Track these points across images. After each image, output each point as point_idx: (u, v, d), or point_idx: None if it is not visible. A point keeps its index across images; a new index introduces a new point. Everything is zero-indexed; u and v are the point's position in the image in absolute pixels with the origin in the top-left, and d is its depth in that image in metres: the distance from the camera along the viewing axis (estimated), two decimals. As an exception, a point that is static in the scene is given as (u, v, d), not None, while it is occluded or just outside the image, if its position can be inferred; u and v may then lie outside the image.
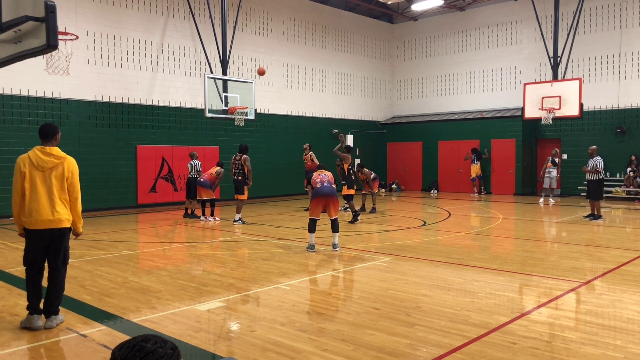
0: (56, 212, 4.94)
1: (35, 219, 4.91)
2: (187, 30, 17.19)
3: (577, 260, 8.08)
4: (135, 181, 15.92)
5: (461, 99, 22.82)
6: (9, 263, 8.07)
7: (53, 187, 4.95)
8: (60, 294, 5.10)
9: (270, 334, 4.74)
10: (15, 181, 4.98)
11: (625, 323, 5.07)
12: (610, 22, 18.94)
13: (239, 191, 12.48)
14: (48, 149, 5.00)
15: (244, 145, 12.68)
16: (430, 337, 4.62)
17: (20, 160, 4.97)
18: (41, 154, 4.96)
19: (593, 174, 12.66)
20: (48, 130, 5.05)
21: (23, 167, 4.93)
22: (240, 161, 12.43)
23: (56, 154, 5.01)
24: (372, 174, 14.80)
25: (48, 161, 4.95)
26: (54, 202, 4.94)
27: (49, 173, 4.95)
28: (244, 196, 12.50)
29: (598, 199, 12.80)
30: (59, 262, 5.05)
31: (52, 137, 5.05)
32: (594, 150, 12.91)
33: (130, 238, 10.76)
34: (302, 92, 20.94)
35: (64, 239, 5.05)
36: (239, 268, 7.68)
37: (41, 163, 4.94)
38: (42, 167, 4.94)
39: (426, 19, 23.85)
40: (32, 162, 4.94)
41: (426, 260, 8.09)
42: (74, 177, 5.07)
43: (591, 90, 18.77)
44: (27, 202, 4.93)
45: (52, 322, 5.00)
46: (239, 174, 12.46)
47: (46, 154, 4.97)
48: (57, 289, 5.07)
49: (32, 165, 4.93)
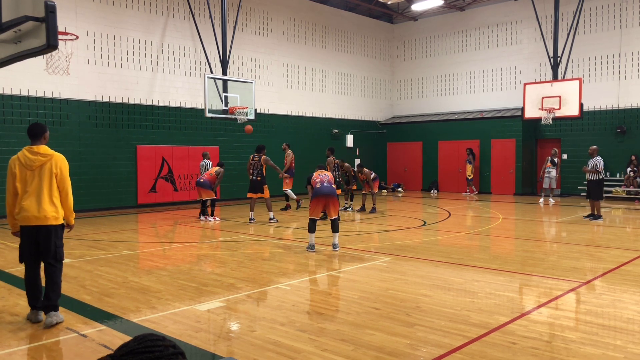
0: (42, 209, 5.04)
1: (23, 215, 5.04)
2: (187, 30, 17.19)
3: (577, 260, 8.08)
4: (135, 181, 15.92)
5: (461, 99, 22.82)
6: (9, 263, 8.07)
7: (43, 185, 5.07)
8: (57, 289, 5.15)
9: (270, 334, 4.74)
10: (8, 181, 5.15)
11: (625, 323, 5.07)
12: (610, 22, 18.94)
13: (258, 190, 12.43)
14: (35, 148, 5.11)
15: (261, 146, 12.73)
16: (430, 337, 4.62)
17: (11, 162, 5.13)
18: (29, 153, 5.10)
19: (593, 174, 12.66)
20: (36, 130, 5.17)
21: (14, 167, 5.10)
22: (260, 162, 12.42)
23: (43, 152, 5.12)
24: (372, 174, 14.83)
25: (35, 160, 5.07)
26: (41, 199, 5.04)
27: (38, 171, 5.07)
28: (266, 194, 12.49)
29: (598, 199, 12.80)
30: (50, 259, 5.14)
31: (40, 136, 5.17)
32: (595, 150, 12.90)
33: (130, 238, 10.76)
34: (302, 92, 20.94)
35: (52, 236, 5.12)
36: (239, 268, 7.68)
37: (29, 162, 5.07)
38: (30, 166, 5.07)
39: (426, 19, 23.85)
40: (21, 162, 5.08)
41: (426, 260, 8.09)
42: (62, 173, 5.16)
43: (591, 90, 18.77)
44: (18, 200, 5.08)
45: (52, 319, 5.06)
46: (257, 174, 12.44)
47: (33, 153, 5.09)
48: (52, 285, 5.13)
49: (22, 165, 5.08)
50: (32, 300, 5.17)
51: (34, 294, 5.16)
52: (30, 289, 5.17)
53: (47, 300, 5.10)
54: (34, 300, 5.16)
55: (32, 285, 5.17)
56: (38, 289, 5.19)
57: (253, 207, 12.73)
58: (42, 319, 5.11)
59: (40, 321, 5.11)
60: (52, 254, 5.13)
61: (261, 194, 12.48)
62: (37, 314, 5.14)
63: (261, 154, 12.52)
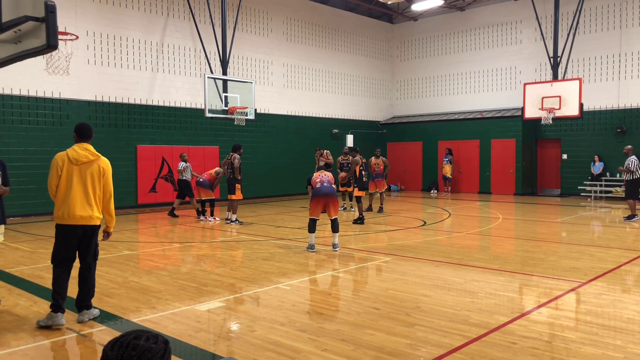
0: (90, 208, 5.05)
1: (69, 214, 5.00)
2: (187, 30, 17.19)
3: (577, 260, 8.07)
4: (135, 181, 15.92)
5: (461, 99, 22.82)
6: (9, 263, 8.07)
7: (88, 184, 5.07)
8: (92, 289, 5.23)
9: (270, 334, 4.74)
10: (51, 177, 5.08)
11: (625, 323, 5.07)
12: (610, 22, 18.94)
13: (231, 191, 12.47)
14: (85, 145, 5.16)
15: (236, 145, 12.71)
16: (430, 337, 4.62)
17: (58, 157, 5.10)
18: (78, 149, 5.11)
19: (627, 174, 12.77)
20: (88, 131, 5.22)
21: (61, 162, 5.06)
22: (231, 160, 12.44)
23: (92, 150, 5.17)
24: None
25: (84, 155, 5.08)
26: (87, 199, 5.05)
27: (84, 169, 5.06)
28: (235, 196, 12.46)
29: (631, 198, 12.85)
30: (89, 258, 5.18)
31: (90, 137, 5.25)
32: (629, 150, 12.98)
33: (130, 238, 10.76)
34: (302, 92, 20.94)
35: (94, 236, 5.18)
36: (239, 268, 7.68)
37: (77, 157, 5.06)
38: (78, 160, 5.06)
39: (426, 19, 23.85)
40: (69, 158, 5.07)
41: (426, 260, 8.09)
42: (108, 175, 5.21)
43: (591, 90, 18.77)
44: (62, 197, 5.04)
45: (84, 317, 5.10)
46: (231, 172, 12.49)
47: (83, 149, 5.12)
48: (89, 284, 5.20)
49: (69, 161, 5.07)
50: (58, 300, 5.00)
51: (62, 295, 5.02)
52: (62, 290, 5.03)
53: (82, 300, 5.15)
54: (61, 300, 5.01)
55: (64, 287, 5.06)
56: (66, 289, 5.11)
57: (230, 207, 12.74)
58: (63, 322, 4.96)
59: (64, 324, 4.97)
60: (91, 253, 5.18)
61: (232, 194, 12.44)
62: (55, 317, 4.95)
63: (234, 152, 12.51)
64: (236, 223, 12.42)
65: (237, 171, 12.41)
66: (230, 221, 12.53)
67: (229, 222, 12.52)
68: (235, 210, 12.63)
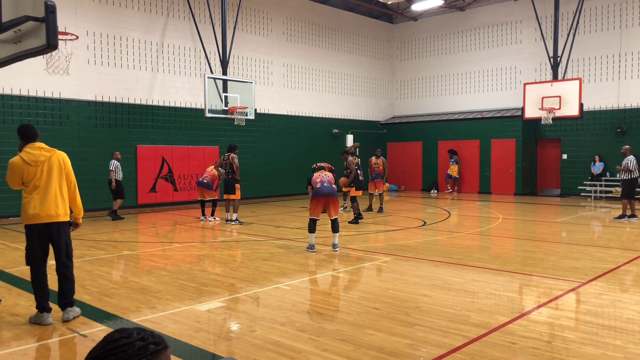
0: (54, 205, 5.01)
1: (33, 214, 4.97)
2: (187, 30, 17.18)
3: (577, 260, 8.07)
4: (135, 181, 15.91)
5: (461, 99, 22.82)
6: (9, 263, 8.07)
7: (52, 181, 5.03)
8: (71, 287, 5.21)
9: (270, 334, 4.74)
10: (10, 178, 5.04)
11: (625, 323, 5.07)
12: (610, 22, 18.94)
13: (230, 191, 12.48)
14: (37, 144, 5.10)
15: (232, 145, 12.74)
16: (430, 337, 4.62)
17: (13, 162, 5.03)
18: (31, 149, 5.05)
19: (625, 173, 12.73)
20: (33, 131, 5.19)
21: (16, 167, 5.01)
22: (229, 160, 12.44)
23: (45, 147, 5.12)
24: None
25: (40, 154, 5.04)
26: (52, 196, 5.01)
27: (45, 168, 5.02)
28: (235, 195, 12.48)
29: (627, 198, 12.80)
30: (63, 257, 5.14)
31: (37, 136, 5.18)
32: (627, 150, 12.94)
33: (130, 238, 10.76)
34: (302, 92, 20.94)
35: (62, 232, 5.12)
36: (239, 268, 7.68)
37: (34, 158, 5.01)
38: (35, 161, 5.00)
39: (426, 19, 23.85)
40: (24, 161, 5.01)
41: (426, 260, 8.09)
42: (69, 168, 5.17)
43: (591, 90, 18.77)
44: (26, 199, 5.01)
45: (69, 315, 5.09)
46: (229, 172, 12.49)
47: (36, 148, 5.07)
48: (67, 283, 5.17)
49: (26, 163, 5.01)
50: (43, 302, 5.03)
51: (45, 296, 5.04)
52: (42, 291, 5.05)
53: (64, 298, 5.12)
54: (45, 301, 5.03)
55: (43, 286, 5.07)
56: (47, 289, 5.11)
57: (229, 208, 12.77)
58: (50, 321, 5.00)
59: (51, 324, 5.00)
60: (64, 251, 5.14)
61: (232, 194, 12.46)
62: (47, 317, 5.00)
63: (231, 152, 12.52)
64: (236, 223, 12.43)
65: (237, 171, 12.45)
66: (231, 221, 12.54)
67: (229, 222, 12.53)
68: (237, 209, 12.64)
